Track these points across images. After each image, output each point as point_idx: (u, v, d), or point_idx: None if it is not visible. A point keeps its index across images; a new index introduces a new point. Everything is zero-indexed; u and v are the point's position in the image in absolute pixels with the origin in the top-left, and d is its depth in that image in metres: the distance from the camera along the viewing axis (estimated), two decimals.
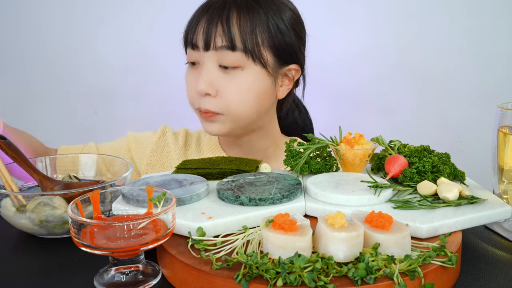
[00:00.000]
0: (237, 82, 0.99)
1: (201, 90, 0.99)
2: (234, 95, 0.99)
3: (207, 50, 0.99)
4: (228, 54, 0.98)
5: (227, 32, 0.97)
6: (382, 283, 0.53)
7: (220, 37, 0.97)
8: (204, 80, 0.99)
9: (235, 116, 1.02)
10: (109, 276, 0.61)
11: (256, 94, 1.01)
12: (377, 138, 0.85)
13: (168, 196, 0.65)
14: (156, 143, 1.18)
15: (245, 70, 0.99)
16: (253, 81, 1.00)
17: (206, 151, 1.18)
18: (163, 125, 1.22)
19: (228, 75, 0.99)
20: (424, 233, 0.63)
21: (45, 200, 0.74)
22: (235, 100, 1.00)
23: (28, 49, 1.91)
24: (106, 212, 0.70)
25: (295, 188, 0.71)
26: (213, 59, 0.99)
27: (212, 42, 0.98)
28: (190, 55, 1.03)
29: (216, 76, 0.99)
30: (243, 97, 1.00)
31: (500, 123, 0.77)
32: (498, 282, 0.62)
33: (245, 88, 1.00)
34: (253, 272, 0.54)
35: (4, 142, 0.83)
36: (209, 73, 0.99)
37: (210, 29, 0.97)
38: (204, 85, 0.99)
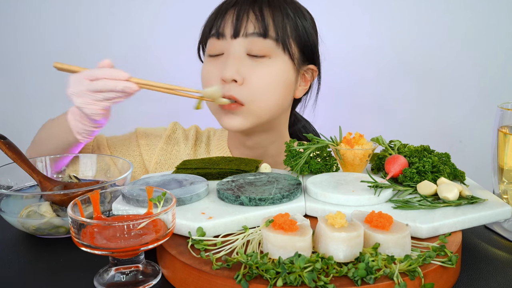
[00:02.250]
0: (265, 71, 0.98)
1: (229, 76, 0.96)
2: (261, 83, 0.98)
3: (236, 37, 0.98)
4: (258, 41, 0.97)
5: (261, 20, 0.97)
6: (382, 283, 0.53)
7: (252, 24, 0.97)
8: (232, 66, 0.97)
9: (259, 108, 0.99)
10: (109, 276, 0.61)
11: (282, 85, 1.01)
12: (377, 138, 0.85)
13: (168, 196, 0.65)
14: (166, 141, 1.15)
15: (272, 59, 0.99)
16: (281, 71, 1.00)
17: (214, 153, 1.15)
18: (173, 122, 1.19)
19: (255, 63, 0.98)
20: (424, 233, 0.63)
21: (34, 208, 0.74)
22: (261, 89, 0.98)
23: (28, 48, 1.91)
24: (106, 212, 0.70)
25: (295, 188, 0.71)
26: (241, 46, 0.98)
27: (243, 28, 0.97)
28: (213, 45, 1.01)
29: (244, 64, 0.98)
30: (269, 86, 0.99)
31: (500, 123, 0.77)
32: (498, 282, 0.62)
33: (272, 77, 0.99)
34: (253, 272, 0.54)
35: (4, 142, 0.84)
36: (237, 60, 0.98)
37: (241, 16, 0.98)
38: (231, 71, 0.96)
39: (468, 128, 1.79)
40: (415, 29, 1.76)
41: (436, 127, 1.81)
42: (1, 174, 0.84)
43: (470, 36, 1.73)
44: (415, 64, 1.78)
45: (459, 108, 1.79)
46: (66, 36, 1.89)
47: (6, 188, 0.85)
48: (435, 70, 1.78)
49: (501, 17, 1.71)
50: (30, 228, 0.74)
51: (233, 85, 0.97)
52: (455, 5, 1.72)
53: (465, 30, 1.73)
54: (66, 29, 1.88)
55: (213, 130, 1.22)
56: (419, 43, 1.76)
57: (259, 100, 0.99)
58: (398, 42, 1.77)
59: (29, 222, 0.73)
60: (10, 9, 1.88)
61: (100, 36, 1.88)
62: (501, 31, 1.71)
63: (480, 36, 1.73)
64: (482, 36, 1.73)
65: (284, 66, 1.00)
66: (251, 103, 0.98)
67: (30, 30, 1.89)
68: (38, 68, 1.91)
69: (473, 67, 1.75)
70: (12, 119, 1.95)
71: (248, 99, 0.98)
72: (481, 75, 1.75)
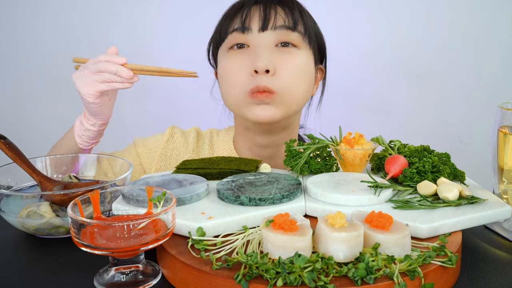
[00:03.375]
0: (294, 61, 0.99)
1: (262, 66, 0.95)
2: (291, 73, 0.99)
3: (264, 30, 0.99)
4: (287, 34, 0.99)
5: (290, 14, 0.99)
6: (382, 283, 0.53)
7: (281, 17, 0.99)
8: (264, 57, 0.96)
9: (290, 97, 0.99)
10: (109, 276, 0.61)
11: (308, 76, 1.02)
12: (377, 138, 0.85)
13: (168, 196, 0.65)
14: (164, 146, 1.15)
15: (300, 50, 1.01)
16: (308, 61, 1.02)
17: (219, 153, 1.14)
18: (170, 126, 1.18)
19: (285, 53, 0.99)
20: (424, 233, 0.63)
21: (34, 208, 0.74)
22: (292, 78, 0.99)
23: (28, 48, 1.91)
24: (106, 212, 0.70)
25: (295, 188, 0.71)
26: (269, 38, 0.99)
27: (272, 21, 0.98)
28: (236, 38, 1.01)
29: (274, 55, 0.99)
30: (299, 75, 1.00)
31: (500, 123, 0.77)
32: (498, 282, 0.62)
33: (301, 67, 1.00)
34: (253, 272, 0.54)
35: (4, 142, 0.83)
36: (267, 50, 0.98)
37: (269, 10, 0.99)
38: (264, 61, 0.96)
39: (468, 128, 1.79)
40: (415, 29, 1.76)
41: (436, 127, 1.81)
42: (1, 174, 0.84)
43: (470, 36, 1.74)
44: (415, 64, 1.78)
45: (459, 108, 1.79)
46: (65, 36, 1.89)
47: (6, 188, 0.85)
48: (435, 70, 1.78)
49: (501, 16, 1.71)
50: (30, 228, 0.74)
51: (265, 76, 0.97)
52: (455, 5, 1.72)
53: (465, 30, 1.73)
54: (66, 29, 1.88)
55: (216, 131, 1.21)
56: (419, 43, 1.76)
57: (290, 89, 0.99)
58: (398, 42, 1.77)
59: (29, 222, 0.73)
60: (10, 9, 1.88)
61: (100, 36, 1.88)
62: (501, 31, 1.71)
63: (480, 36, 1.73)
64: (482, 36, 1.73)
65: (309, 58, 1.03)
66: (283, 92, 0.98)
67: (29, 30, 1.89)
68: (38, 68, 1.91)
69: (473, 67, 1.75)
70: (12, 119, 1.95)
71: (280, 87, 0.98)
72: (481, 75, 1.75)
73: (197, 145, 1.17)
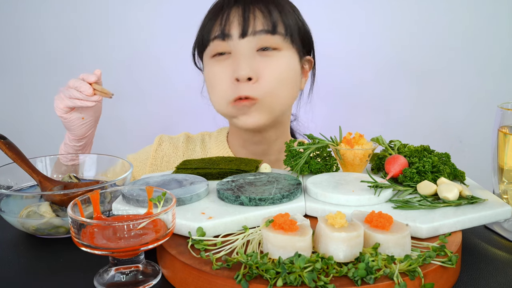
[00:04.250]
0: (276, 64, 0.99)
1: (244, 74, 0.96)
2: (274, 78, 0.99)
3: (244, 36, 0.98)
4: (267, 38, 0.98)
5: (269, 16, 0.98)
6: (382, 283, 0.53)
7: (260, 22, 0.98)
8: (245, 65, 0.97)
9: (273, 102, 1.00)
10: (109, 276, 0.61)
11: (292, 77, 1.02)
12: (377, 138, 0.85)
13: (168, 196, 0.65)
14: (153, 156, 1.17)
15: (282, 52, 1.00)
16: (290, 63, 1.01)
17: (213, 154, 1.15)
18: (158, 136, 1.21)
19: (266, 57, 0.99)
20: (424, 233, 0.63)
21: (34, 208, 0.74)
22: (275, 82, 0.99)
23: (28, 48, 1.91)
24: (106, 212, 0.70)
25: (295, 188, 0.71)
26: (250, 44, 0.99)
27: (251, 27, 0.98)
28: (217, 46, 1.01)
29: (255, 61, 0.99)
30: (282, 79, 1.00)
31: (500, 123, 0.77)
32: (498, 282, 0.62)
33: (284, 70, 1.00)
34: (253, 272, 0.54)
35: (4, 142, 0.84)
36: (248, 58, 0.98)
37: (248, 15, 0.98)
38: (246, 69, 0.96)
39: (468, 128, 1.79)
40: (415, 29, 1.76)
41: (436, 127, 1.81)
42: (1, 174, 0.84)
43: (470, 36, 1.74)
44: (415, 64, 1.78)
45: (459, 108, 1.79)
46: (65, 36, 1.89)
47: (6, 188, 0.85)
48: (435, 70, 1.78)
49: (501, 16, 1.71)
50: (30, 228, 0.74)
51: (246, 85, 0.98)
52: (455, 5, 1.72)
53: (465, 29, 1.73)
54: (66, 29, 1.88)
55: (207, 133, 1.22)
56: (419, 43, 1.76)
57: (272, 94, 0.99)
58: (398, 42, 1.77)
59: (29, 222, 0.73)
60: (11, 9, 1.88)
61: (100, 36, 1.88)
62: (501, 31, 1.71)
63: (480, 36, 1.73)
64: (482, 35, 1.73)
65: (292, 59, 1.02)
66: (265, 98, 0.99)
67: (30, 30, 1.89)
68: (38, 68, 1.91)
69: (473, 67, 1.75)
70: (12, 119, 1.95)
71: (261, 93, 0.98)
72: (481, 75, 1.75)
73: (187, 149, 1.18)
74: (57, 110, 1.02)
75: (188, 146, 1.19)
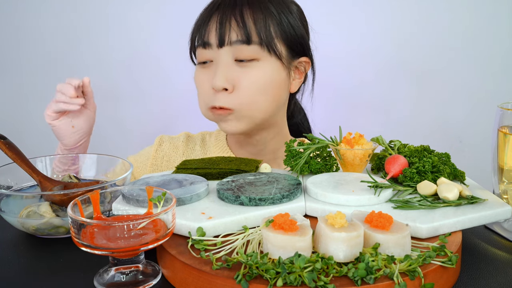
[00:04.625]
0: (254, 74, 0.99)
1: (219, 85, 0.98)
2: (251, 88, 0.99)
3: (221, 46, 0.99)
4: (243, 48, 0.98)
5: (242, 27, 0.97)
6: (382, 283, 0.53)
7: (235, 32, 0.98)
8: (221, 75, 0.98)
9: (251, 112, 1.01)
10: (109, 276, 0.61)
11: (272, 86, 1.01)
12: (377, 138, 0.85)
13: (168, 196, 0.65)
14: (154, 156, 1.18)
15: (261, 62, 1.00)
16: (270, 72, 1.00)
17: (213, 153, 1.16)
18: (158, 136, 1.22)
19: (244, 68, 0.99)
20: (424, 233, 0.63)
21: (34, 208, 0.74)
22: (251, 93, 0.99)
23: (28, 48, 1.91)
24: (106, 212, 0.70)
25: (295, 188, 0.71)
26: (228, 54, 0.99)
27: (227, 37, 0.98)
28: (201, 54, 1.03)
29: (232, 71, 0.99)
30: (259, 89, 1.00)
31: (500, 123, 0.77)
32: (498, 282, 0.62)
33: (262, 80, 1.00)
34: (253, 272, 0.54)
35: (4, 142, 0.84)
36: (225, 68, 0.99)
37: (224, 25, 0.98)
38: (221, 80, 0.98)
39: (468, 128, 1.79)
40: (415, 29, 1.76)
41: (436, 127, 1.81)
42: (1, 174, 0.84)
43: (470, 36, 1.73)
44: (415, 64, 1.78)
45: (459, 108, 1.79)
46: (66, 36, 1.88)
47: (6, 188, 0.85)
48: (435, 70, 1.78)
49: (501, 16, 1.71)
50: (30, 228, 0.74)
51: (223, 94, 0.99)
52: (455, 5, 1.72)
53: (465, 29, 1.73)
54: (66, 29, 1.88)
55: (208, 133, 1.23)
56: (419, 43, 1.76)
57: (249, 103, 1.00)
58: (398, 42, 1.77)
59: (29, 222, 0.73)
60: (11, 9, 1.88)
61: (100, 36, 1.88)
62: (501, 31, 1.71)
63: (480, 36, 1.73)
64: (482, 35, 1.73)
65: (272, 68, 1.01)
66: (240, 108, 1.00)
67: (30, 30, 1.89)
68: (38, 68, 1.91)
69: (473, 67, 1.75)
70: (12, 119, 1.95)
71: (235, 104, 1.00)
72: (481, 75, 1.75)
73: (187, 148, 1.19)
74: (46, 118, 1.04)
75: (188, 145, 1.19)
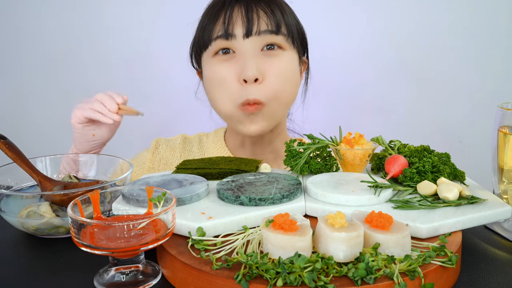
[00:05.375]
0: (281, 63, 1.00)
1: (251, 75, 0.96)
2: (279, 77, 0.99)
3: (249, 36, 0.98)
4: (271, 38, 0.99)
5: (272, 16, 0.98)
6: (382, 283, 0.53)
7: (264, 22, 0.98)
8: (253, 65, 0.97)
9: (277, 106, 1.01)
10: (109, 276, 0.61)
11: (295, 78, 1.03)
12: (377, 138, 0.85)
13: (168, 196, 0.65)
14: (151, 159, 1.18)
15: (286, 52, 1.01)
16: (293, 63, 1.02)
17: (211, 154, 1.16)
18: (155, 139, 1.21)
19: (270, 57, 0.99)
20: (424, 233, 0.63)
21: (34, 208, 0.74)
22: (280, 82, 0.99)
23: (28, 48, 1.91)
24: (106, 212, 0.70)
25: (295, 188, 0.71)
26: (255, 44, 0.99)
27: (256, 27, 0.98)
28: (220, 45, 1.00)
29: (261, 61, 0.99)
30: (286, 80, 1.00)
31: (500, 123, 0.77)
32: (498, 282, 0.62)
33: (288, 70, 1.01)
34: (253, 272, 0.54)
35: (4, 142, 0.84)
36: (254, 58, 0.98)
37: (251, 14, 0.98)
38: (253, 70, 0.96)
39: (468, 128, 1.79)
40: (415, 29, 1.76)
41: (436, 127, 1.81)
42: (1, 174, 0.84)
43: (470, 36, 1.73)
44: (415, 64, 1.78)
45: (459, 108, 1.79)
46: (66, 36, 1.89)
47: (6, 188, 0.85)
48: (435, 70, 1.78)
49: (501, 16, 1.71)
50: (30, 228, 0.74)
51: (254, 86, 0.97)
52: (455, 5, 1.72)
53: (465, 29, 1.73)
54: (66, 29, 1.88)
55: (205, 134, 1.23)
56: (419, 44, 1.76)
57: (278, 94, 1.00)
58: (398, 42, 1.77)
59: (29, 222, 0.73)
60: (11, 9, 1.88)
61: (100, 36, 1.88)
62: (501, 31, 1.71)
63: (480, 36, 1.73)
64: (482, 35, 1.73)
65: (294, 59, 1.03)
66: (271, 100, 0.99)
67: (30, 30, 1.89)
68: (38, 68, 1.91)
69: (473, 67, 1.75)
70: (12, 119, 1.95)
71: (269, 96, 0.98)
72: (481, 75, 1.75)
73: (184, 150, 1.19)
74: (73, 118, 1.03)
75: (185, 147, 1.19)
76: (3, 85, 1.95)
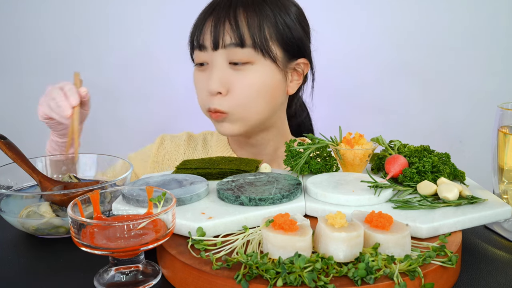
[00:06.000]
0: (249, 78, 0.99)
1: (213, 89, 0.99)
2: (246, 91, 0.99)
3: (216, 49, 0.99)
4: (237, 51, 0.98)
5: (236, 29, 0.97)
6: (382, 283, 0.53)
7: (228, 35, 0.98)
8: (215, 79, 0.99)
9: (245, 114, 1.01)
10: (109, 276, 0.61)
11: (267, 89, 1.01)
12: (377, 138, 0.85)
13: (168, 196, 0.65)
14: (155, 154, 1.18)
15: (255, 65, 1.00)
16: (264, 75, 1.00)
17: (215, 153, 1.17)
18: (160, 135, 1.22)
19: (239, 71, 0.99)
20: (424, 233, 0.63)
21: (34, 208, 0.74)
22: (245, 97, 1.00)
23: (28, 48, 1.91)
24: (106, 212, 0.70)
25: (295, 188, 0.71)
26: (222, 57, 0.99)
27: (221, 40, 0.98)
28: (198, 56, 1.03)
29: (227, 74, 0.99)
30: (253, 93, 1.00)
31: (500, 123, 0.77)
32: (498, 282, 0.62)
33: (257, 83, 1.00)
34: (253, 272, 0.54)
35: (4, 142, 0.84)
36: (219, 71, 0.99)
37: (218, 28, 0.98)
38: (215, 84, 0.99)
39: (468, 128, 1.79)
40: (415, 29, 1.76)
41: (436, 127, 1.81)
42: (1, 174, 0.84)
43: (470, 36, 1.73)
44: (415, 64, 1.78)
45: (459, 108, 1.79)
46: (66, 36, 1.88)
47: (6, 188, 0.85)
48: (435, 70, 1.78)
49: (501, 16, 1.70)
50: (30, 228, 0.74)
51: (217, 98, 1.00)
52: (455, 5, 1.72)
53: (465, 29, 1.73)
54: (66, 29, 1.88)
55: (210, 132, 1.24)
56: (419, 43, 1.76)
57: (244, 107, 1.01)
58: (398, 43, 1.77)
59: (29, 222, 0.73)
60: (11, 9, 1.88)
61: (100, 36, 1.88)
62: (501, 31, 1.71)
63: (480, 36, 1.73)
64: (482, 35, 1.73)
65: (266, 71, 1.01)
66: (235, 111, 1.01)
67: (30, 30, 1.89)
68: (38, 68, 1.91)
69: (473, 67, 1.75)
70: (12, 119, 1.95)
71: (229, 107, 1.00)
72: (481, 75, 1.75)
73: (188, 147, 1.19)
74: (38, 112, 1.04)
75: (190, 144, 1.20)
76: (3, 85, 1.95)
